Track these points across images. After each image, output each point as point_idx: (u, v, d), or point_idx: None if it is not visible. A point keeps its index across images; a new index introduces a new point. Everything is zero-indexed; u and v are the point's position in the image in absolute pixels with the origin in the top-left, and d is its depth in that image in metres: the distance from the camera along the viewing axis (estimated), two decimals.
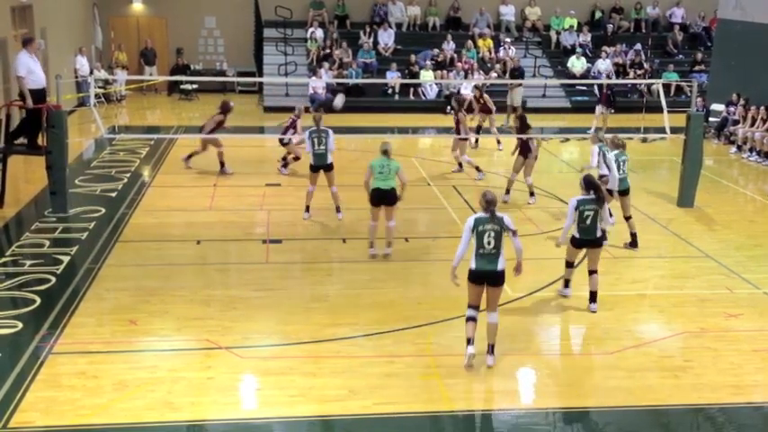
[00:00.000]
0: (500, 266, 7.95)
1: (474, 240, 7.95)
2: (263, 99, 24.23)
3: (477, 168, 15.84)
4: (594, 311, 9.58)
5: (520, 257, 8.18)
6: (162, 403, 7.35)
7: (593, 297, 9.63)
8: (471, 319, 8.10)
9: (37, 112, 12.78)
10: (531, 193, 14.19)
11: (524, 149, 14.00)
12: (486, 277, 7.98)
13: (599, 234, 9.62)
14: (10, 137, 13.24)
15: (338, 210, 12.98)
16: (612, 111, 20.18)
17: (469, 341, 8.06)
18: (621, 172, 11.81)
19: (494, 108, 18.47)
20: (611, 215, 11.15)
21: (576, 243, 9.71)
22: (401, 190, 11.03)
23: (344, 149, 17.66)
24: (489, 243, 7.90)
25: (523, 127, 14.27)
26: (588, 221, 9.44)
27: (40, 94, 12.85)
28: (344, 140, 18.27)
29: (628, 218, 11.95)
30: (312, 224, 12.89)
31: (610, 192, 11.52)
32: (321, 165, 12.59)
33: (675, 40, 27.03)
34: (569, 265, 10.02)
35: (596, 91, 20.21)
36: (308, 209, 12.93)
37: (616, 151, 11.96)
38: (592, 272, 9.63)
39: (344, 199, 13.13)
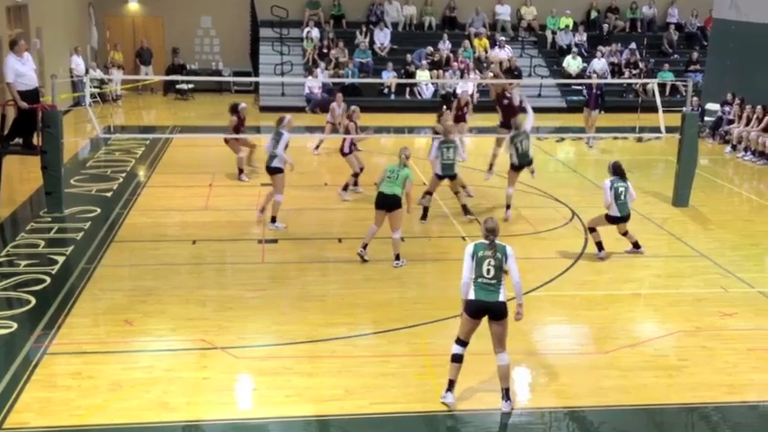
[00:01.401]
0: (501, 297, 7.26)
1: (474, 268, 7.29)
2: (259, 99, 24.23)
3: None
4: (643, 252, 11.44)
5: (520, 297, 7.48)
6: (157, 403, 7.34)
7: (636, 245, 11.52)
8: (458, 358, 7.34)
9: (30, 113, 12.75)
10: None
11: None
12: (487, 310, 7.28)
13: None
14: (5, 138, 13.20)
15: (272, 220, 12.56)
16: (601, 111, 19.80)
17: (451, 385, 7.37)
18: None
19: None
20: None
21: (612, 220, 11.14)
22: (405, 200, 10.83)
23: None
24: (489, 272, 7.25)
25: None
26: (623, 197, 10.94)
27: (32, 95, 12.77)
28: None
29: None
30: (307, 224, 12.89)
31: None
32: (267, 166, 12.45)
33: (671, 39, 27.08)
34: (593, 230, 11.37)
35: (585, 92, 19.96)
36: (262, 210, 12.74)
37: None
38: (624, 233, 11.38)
39: (340, 198, 13.11)
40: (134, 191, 14.60)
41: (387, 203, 10.79)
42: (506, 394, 7.38)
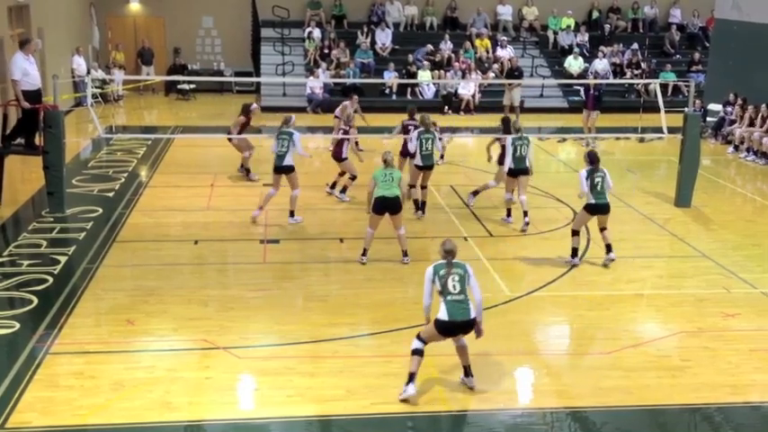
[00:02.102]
0: (473, 314, 7.35)
1: (439, 287, 7.36)
2: (261, 99, 24.22)
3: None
4: (614, 259, 10.97)
5: (480, 314, 7.43)
6: (160, 403, 7.34)
7: (608, 248, 11.02)
8: (419, 352, 7.41)
9: (33, 113, 12.75)
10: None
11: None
12: (460, 330, 7.40)
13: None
14: (7, 138, 13.21)
15: (291, 214, 12.79)
16: (598, 112, 19.63)
17: (412, 378, 7.37)
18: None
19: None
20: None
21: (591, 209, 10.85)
22: (404, 196, 11.10)
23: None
24: (455, 287, 7.30)
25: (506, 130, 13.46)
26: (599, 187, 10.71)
27: (35, 95, 12.81)
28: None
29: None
30: (309, 224, 12.89)
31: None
32: (278, 166, 12.52)
33: (673, 39, 27.06)
34: (576, 233, 11.08)
35: (582, 93, 19.67)
36: (260, 208, 12.81)
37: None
38: (603, 228, 11.01)
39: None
40: (136, 191, 14.61)
41: (391, 206, 10.82)
42: (469, 371, 7.66)
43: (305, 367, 8.08)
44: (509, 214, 13.00)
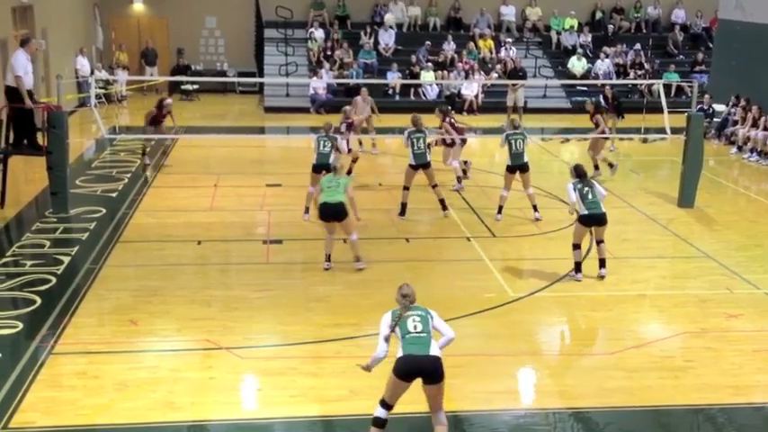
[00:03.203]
0: (434, 351, 6.34)
1: (398, 330, 6.47)
2: (264, 99, 24.25)
3: (459, 179, 15.08)
4: (604, 276, 10.49)
5: (445, 346, 6.59)
6: (163, 403, 7.35)
7: (602, 264, 10.54)
8: (380, 423, 6.47)
9: (29, 112, 12.74)
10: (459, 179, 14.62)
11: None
12: (420, 370, 6.33)
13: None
14: (12, 144, 13.19)
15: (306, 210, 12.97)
16: (622, 117, 19.05)
17: None
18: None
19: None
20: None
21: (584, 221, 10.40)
22: (351, 208, 10.65)
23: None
24: (416, 327, 6.40)
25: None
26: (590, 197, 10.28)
27: (30, 95, 12.76)
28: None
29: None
30: (312, 224, 12.89)
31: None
32: (323, 164, 12.59)
33: (676, 40, 27.04)
34: (576, 247, 10.54)
35: (603, 101, 19.36)
36: (307, 210, 12.93)
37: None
38: (600, 241, 10.53)
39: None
40: (139, 191, 14.63)
41: (333, 213, 10.55)
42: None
43: (308, 367, 8.09)
44: (500, 211, 13.06)
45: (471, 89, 23.94)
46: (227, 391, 7.67)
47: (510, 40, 26.03)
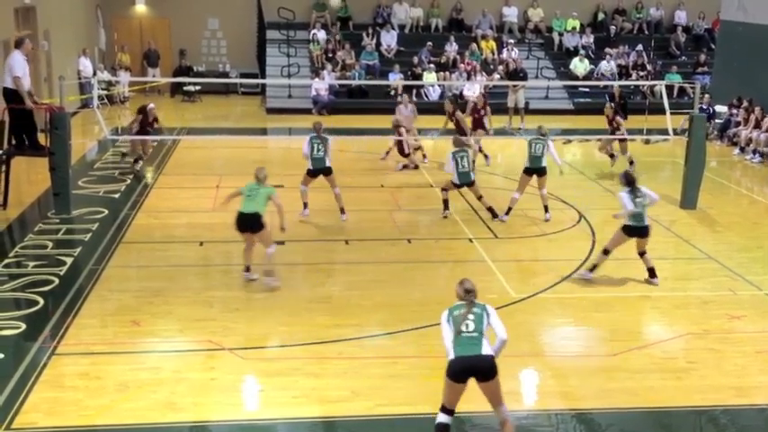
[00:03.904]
0: (485, 350, 6.33)
1: (452, 328, 6.42)
2: (266, 101, 24.26)
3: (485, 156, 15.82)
4: (657, 285, 10.43)
5: (498, 353, 6.46)
6: (165, 404, 7.35)
7: (652, 273, 10.49)
8: (443, 427, 6.45)
9: (27, 113, 12.74)
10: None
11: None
12: (473, 369, 6.32)
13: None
14: (14, 145, 13.18)
15: (342, 211, 13.01)
16: (625, 118, 19.45)
17: None
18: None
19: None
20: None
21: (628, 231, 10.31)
22: (280, 218, 10.17)
23: (347, 151, 17.67)
24: (468, 326, 6.39)
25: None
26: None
27: (21, 96, 12.76)
28: (347, 142, 18.30)
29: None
30: (314, 225, 12.91)
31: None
32: (320, 168, 12.73)
33: (678, 41, 27.03)
34: (607, 252, 10.45)
35: (609, 100, 19.25)
36: (306, 205, 13.00)
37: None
38: (642, 253, 10.50)
39: (347, 200, 13.15)
40: (141, 192, 14.64)
41: (249, 223, 9.97)
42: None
43: (310, 368, 8.09)
44: (508, 212, 13.01)
45: (473, 90, 23.93)
46: (229, 391, 7.68)
47: (512, 41, 26.04)
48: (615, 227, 11.26)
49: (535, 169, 12.93)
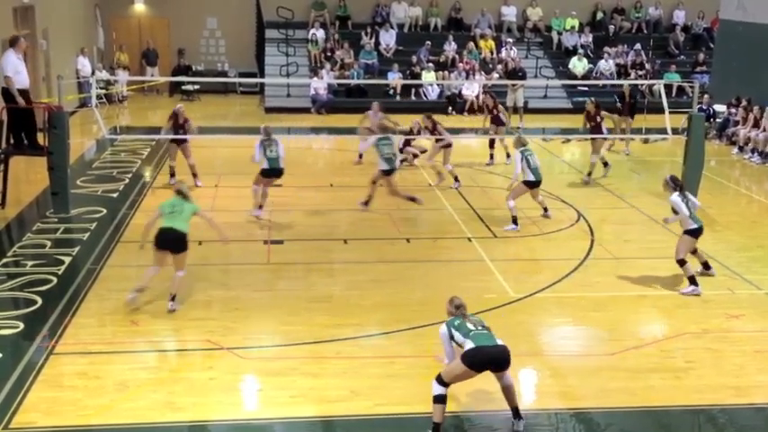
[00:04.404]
0: (500, 341, 6.79)
1: (459, 336, 6.81)
2: (265, 100, 24.25)
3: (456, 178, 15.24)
4: (714, 275, 10.68)
5: None
6: (163, 403, 7.35)
7: (707, 266, 10.73)
8: (441, 399, 6.79)
9: (27, 112, 12.72)
10: None
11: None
12: (493, 360, 6.71)
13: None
14: (13, 144, 13.17)
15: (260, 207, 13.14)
16: (631, 119, 19.10)
17: (437, 429, 6.81)
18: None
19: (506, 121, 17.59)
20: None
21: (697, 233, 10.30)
22: (217, 231, 9.71)
23: (347, 150, 17.67)
24: (476, 326, 6.85)
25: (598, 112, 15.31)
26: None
27: (23, 95, 12.71)
28: (346, 141, 18.30)
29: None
30: (313, 225, 12.90)
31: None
32: (276, 169, 12.92)
33: (677, 40, 27.03)
34: (684, 262, 10.26)
35: (618, 102, 19.26)
36: (260, 207, 13.08)
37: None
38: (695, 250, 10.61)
39: (346, 199, 13.15)
40: (140, 192, 14.63)
41: (172, 241, 9.23)
42: (518, 413, 7.05)
43: (308, 368, 8.09)
44: (516, 221, 12.63)
45: (472, 89, 23.94)
46: (228, 391, 7.67)
47: (511, 40, 26.04)
48: (613, 226, 11.30)
49: (539, 181, 12.62)
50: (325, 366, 8.13)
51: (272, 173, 12.95)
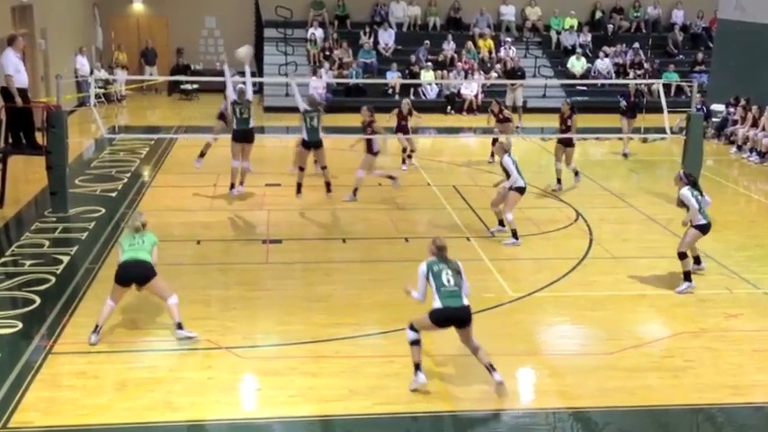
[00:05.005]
0: (465, 301, 7.46)
1: (432, 282, 7.46)
2: (263, 99, 24.24)
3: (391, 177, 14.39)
4: (704, 269, 10.80)
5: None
6: (162, 403, 7.35)
7: (698, 260, 10.82)
8: (416, 342, 7.57)
9: (26, 111, 12.71)
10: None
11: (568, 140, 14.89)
12: (454, 318, 7.43)
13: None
14: (11, 143, 13.16)
15: (240, 183, 13.56)
16: (634, 117, 18.95)
17: (418, 367, 7.54)
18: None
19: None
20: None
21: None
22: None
23: (345, 150, 17.64)
24: (449, 281, 7.44)
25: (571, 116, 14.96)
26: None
27: (22, 94, 12.71)
28: (345, 140, 18.26)
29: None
30: (311, 224, 12.91)
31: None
32: (245, 130, 13.23)
33: (676, 40, 27.04)
34: (685, 255, 10.31)
35: (622, 102, 19.17)
36: (233, 186, 13.48)
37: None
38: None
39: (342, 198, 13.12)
40: (139, 191, 14.62)
41: (137, 273, 8.44)
42: (493, 368, 7.50)
43: (307, 367, 8.09)
44: (516, 235, 12.09)
45: (471, 89, 23.94)
46: (227, 390, 7.67)
47: (510, 39, 26.04)
48: (612, 226, 11.30)
49: (526, 187, 12.17)
50: (324, 366, 8.13)
51: (240, 137, 12.98)
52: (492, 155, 17.30)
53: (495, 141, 17.26)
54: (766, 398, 7.81)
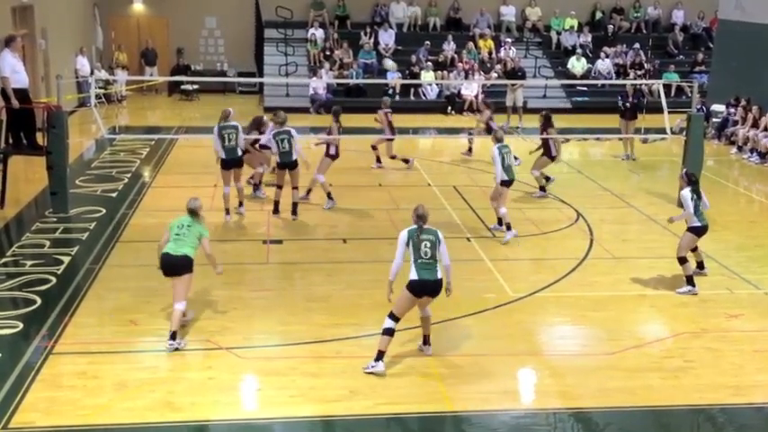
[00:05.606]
0: (439, 275, 7.95)
1: (411, 252, 7.93)
2: (264, 100, 24.24)
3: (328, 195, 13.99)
4: (706, 274, 10.72)
5: (449, 276, 8.06)
6: (162, 403, 7.35)
7: (701, 265, 10.81)
8: (390, 332, 7.96)
9: (26, 112, 12.71)
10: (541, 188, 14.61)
11: (546, 150, 14.47)
12: (428, 290, 7.96)
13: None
14: (12, 144, 13.15)
15: (240, 204, 13.19)
16: (635, 118, 18.86)
17: (381, 355, 7.91)
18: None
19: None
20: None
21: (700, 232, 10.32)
22: (210, 262, 8.87)
23: (345, 150, 17.62)
24: (426, 253, 7.89)
25: (546, 126, 14.56)
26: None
27: (22, 94, 12.71)
28: (345, 141, 18.25)
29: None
30: (312, 225, 12.90)
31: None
32: (233, 159, 12.83)
33: (676, 40, 27.04)
34: (685, 260, 10.29)
35: (620, 103, 19.20)
36: (228, 211, 12.91)
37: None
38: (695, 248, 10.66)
39: (346, 198, 13.15)
40: (139, 191, 14.62)
41: (174, 267, 8.53)
42: (427, 340, 8.32)
43: (308, 368, 8.09)
44: (510, 228, 12.15)
45: (471, 89, 23.94)
46: (227, 391, 7.67)
47: (510, 40, 26.03)
48: (612, 226, 11.30)
49: (512, 180, 12.23)
50: (325, 366, 8.13)
51: (229, 164, 12.81)
52: (470, 150, 17.44)
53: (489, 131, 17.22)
54: (767, 398, 7.81)
